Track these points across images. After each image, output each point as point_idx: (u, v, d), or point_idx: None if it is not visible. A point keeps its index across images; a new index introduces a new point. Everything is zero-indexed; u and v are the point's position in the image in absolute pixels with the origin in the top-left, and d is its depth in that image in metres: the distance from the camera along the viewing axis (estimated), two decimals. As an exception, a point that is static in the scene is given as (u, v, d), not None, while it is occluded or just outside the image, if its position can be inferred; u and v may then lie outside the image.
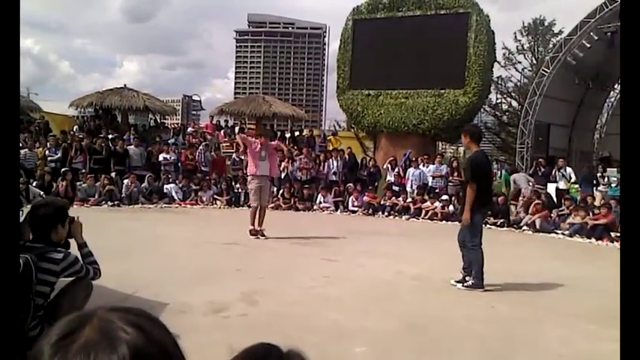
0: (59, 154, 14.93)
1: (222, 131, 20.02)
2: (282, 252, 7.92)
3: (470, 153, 6.81)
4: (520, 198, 13.49)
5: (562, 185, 14.28)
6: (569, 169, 14.53)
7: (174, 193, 14.51)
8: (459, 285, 6.09)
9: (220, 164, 16.34)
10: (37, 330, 3.20)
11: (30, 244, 3.31)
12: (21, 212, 3.59)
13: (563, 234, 11.41)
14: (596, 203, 12.69)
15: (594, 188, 14.00)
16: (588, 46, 18.11)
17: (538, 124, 18.83)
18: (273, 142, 10.33)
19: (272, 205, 14.40)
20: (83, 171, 14.43)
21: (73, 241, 3.80)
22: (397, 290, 5.97)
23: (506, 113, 32.03)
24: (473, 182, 6.00)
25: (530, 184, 14.37)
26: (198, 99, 36.63)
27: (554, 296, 5.94)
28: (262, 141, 9.37)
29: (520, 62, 31.55)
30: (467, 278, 6.08)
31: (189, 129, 20.99)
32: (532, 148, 18.87)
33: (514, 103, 31.42)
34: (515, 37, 31.75)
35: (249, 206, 9.39)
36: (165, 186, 14.70)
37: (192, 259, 7.28)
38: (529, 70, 30.84)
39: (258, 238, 9.02)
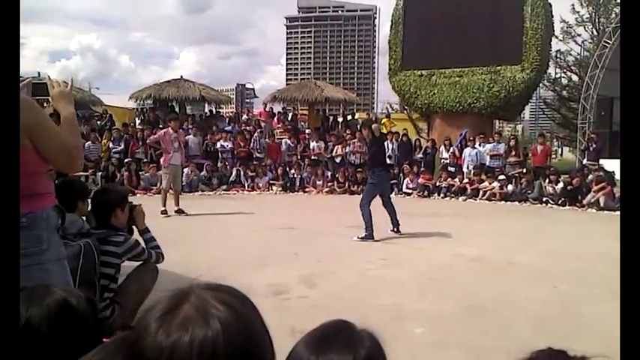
0: (122, 146, 15.59)
1: (275, 118, 20.26)
2: (338, 236, 7.99)
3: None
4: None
5: None
6: None
7: (242, 178, 15.10)
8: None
9: (275, 150, 16.57)
10: (109, 311, 3.38)
11: (92, 230, 3.49)
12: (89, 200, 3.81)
13: (629, 212, 10.97)
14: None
15: None
16: (654, 12, 17.13)
17: (600, 99, 18.03)
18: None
19: (327, 189, 14.54)
20: (145, 160, 14.99)
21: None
22: (455, 272, 5.93)
23: (567, 88, 30.70)
24: None
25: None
26: (252, 87, 37.28)
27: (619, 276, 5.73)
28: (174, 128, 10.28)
29: (580, 35, 30.10)
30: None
31: (244, 117, 21.36)
32: (594, 123, 18.10)
33: (574, 78, 30.03)
34: (574, 8, 30.32)
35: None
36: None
37: (252, 244, 7.48)
38: (589, 43, 29.40)
39: (169, 216, 10.06)
